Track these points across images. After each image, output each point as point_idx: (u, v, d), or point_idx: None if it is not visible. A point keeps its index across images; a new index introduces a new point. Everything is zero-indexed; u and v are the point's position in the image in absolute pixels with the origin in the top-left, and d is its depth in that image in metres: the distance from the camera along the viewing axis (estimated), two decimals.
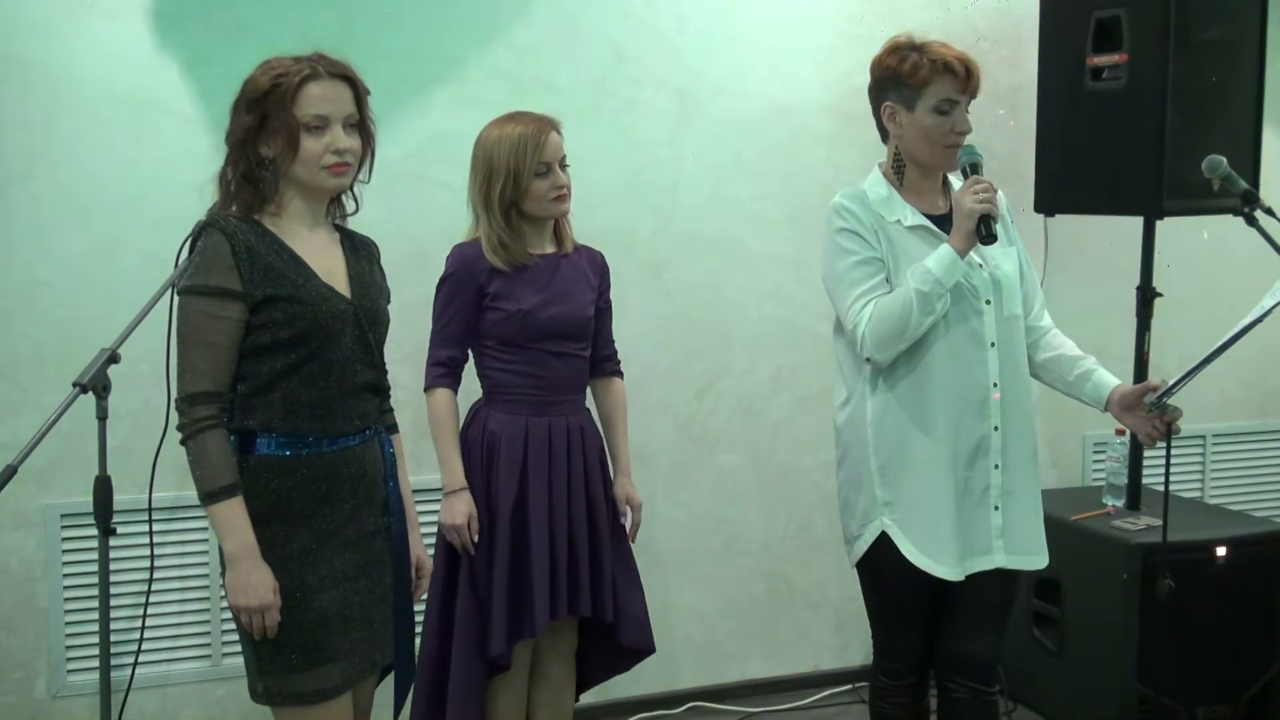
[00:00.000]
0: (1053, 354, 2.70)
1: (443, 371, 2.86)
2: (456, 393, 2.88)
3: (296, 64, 2.22)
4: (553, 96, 3.28)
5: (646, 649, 3.03)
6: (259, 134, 2.22)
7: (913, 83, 2.52)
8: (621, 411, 3.08)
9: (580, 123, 2.95)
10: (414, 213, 3.40)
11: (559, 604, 2.84)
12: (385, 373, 2.43)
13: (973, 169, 2.49)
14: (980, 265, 2.57)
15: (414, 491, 3.38)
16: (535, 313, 2.81)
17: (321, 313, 2.23)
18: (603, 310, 3.01)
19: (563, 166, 2.84)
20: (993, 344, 2.56)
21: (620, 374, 3.11)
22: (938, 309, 2.46)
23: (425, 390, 2.87)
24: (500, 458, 2.83)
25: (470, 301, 2.83)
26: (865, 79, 3.79)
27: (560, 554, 2.84)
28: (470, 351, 2.92)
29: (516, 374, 2.84)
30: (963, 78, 2.50)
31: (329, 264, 2.31)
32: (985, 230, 2.42)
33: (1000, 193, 2.72)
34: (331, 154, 2.22)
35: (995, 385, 2.56)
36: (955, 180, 2.65)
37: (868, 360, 2.53)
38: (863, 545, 2.63)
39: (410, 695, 2.84)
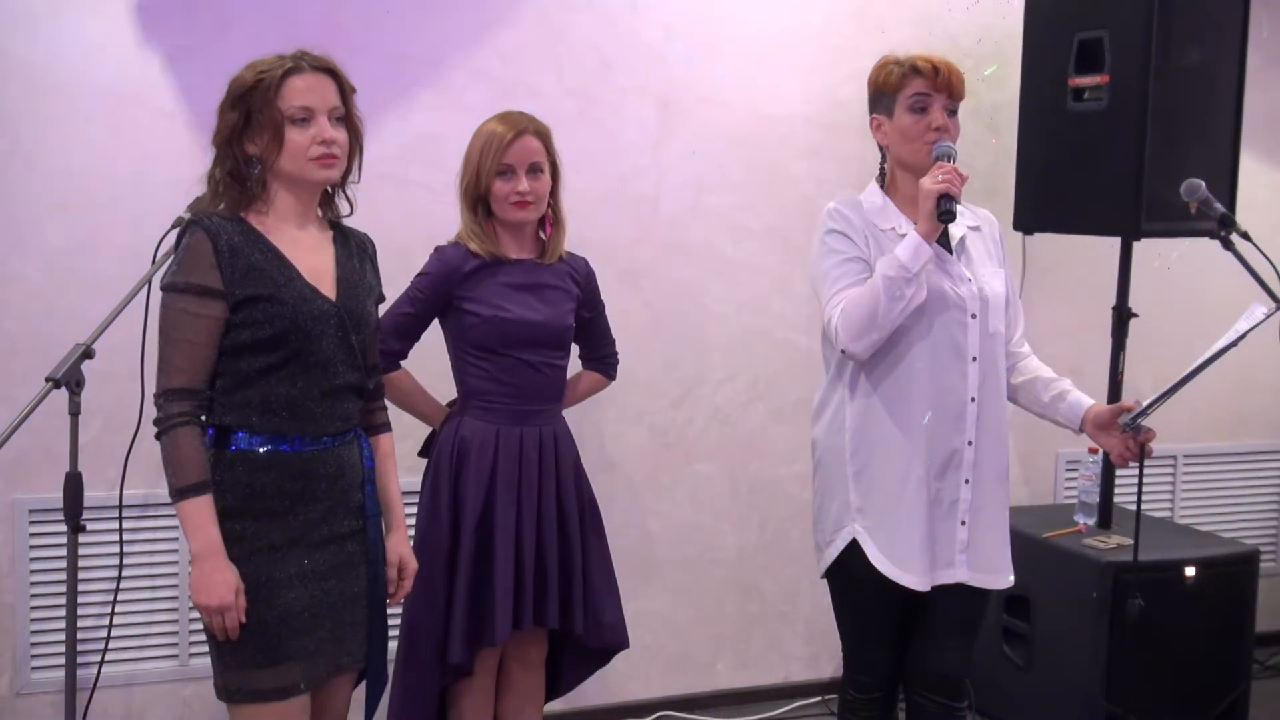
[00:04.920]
0: (1028, 377, 2.73)
1: (394, 360, 2.88)
2: None
3: (280, 59, 2.23)
4: (536, 101, 3.28)
5: (618, 646, 3.03)
6: (244, 131, 2.22)
7: (888, 89, 2.59)
8: (575, 392, 3.08)
9: (563, 129, 2.95)
10: (395, 214, 3.38)
11: (523, 614, 2.82)
12: (374, 372, 2.42)
13: (946, 158, 2.52)
14: (969, 279, 2.59)
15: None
16: (508, 319, 2.80)
17: (302, 314, 2.22)
18: (592, 316, 3.01)
19: (533, 172, 2.81)
20: (974, 358, 2.58)
21: (606, 373, 3.12)
22: (908, 295, 2.46)
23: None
24: (469, 465, 2.82)
25: (435, 305, 2.85)
26: (848, 92, 3.85)
27: (527, 564, 2.82)
28: (449, 358, 2.92)
29: (491, 380, 2.84)
30: (931, 75, 2.55)
31: (316, 263, 2.29)
32: (944, 208, 2.44)
33: (992, 216, 2.76)
34: (318, 145, 2.22)
35: (973, 400, 2.58)
36: None
37: (843, 352, 2.54)
38: (833, 552, 2.63)
39: (389, 696, 2.84)
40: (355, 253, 2.39)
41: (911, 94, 2.56)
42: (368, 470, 2.38)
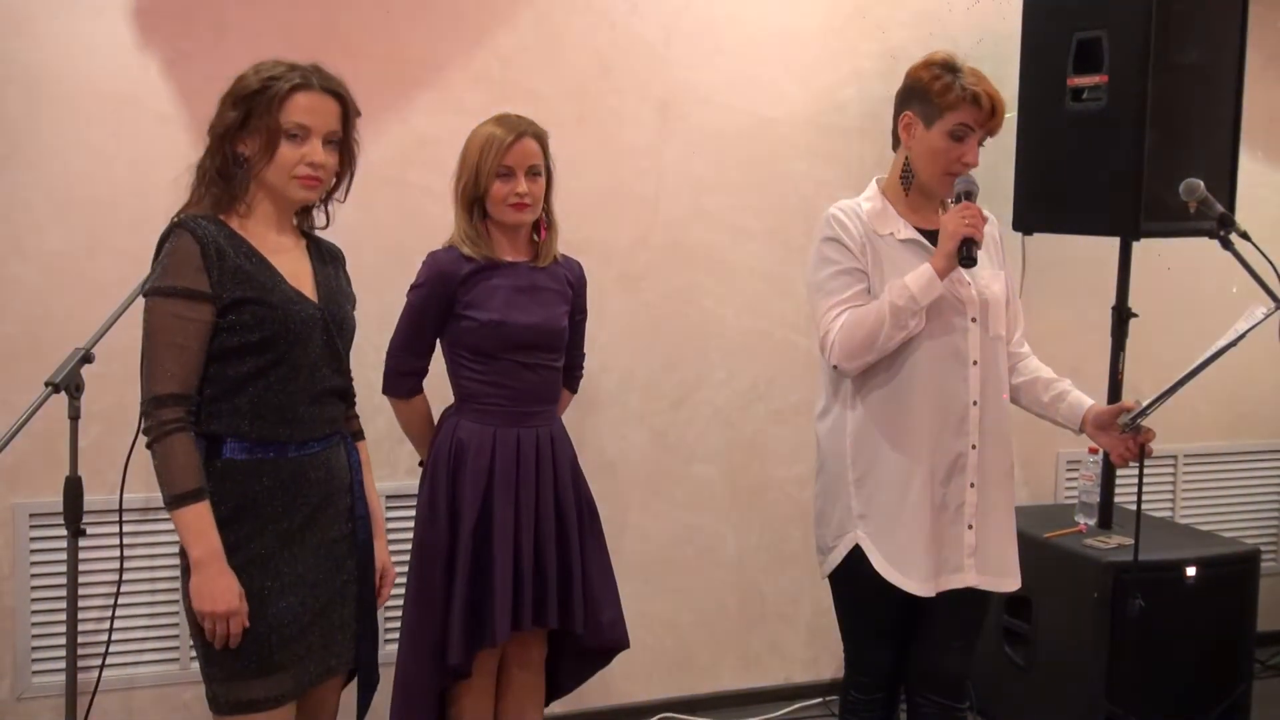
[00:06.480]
0: (1028, 377, 2.73)
1: (418, 382, 2.90)
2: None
3: (291, 70, 2.23)
4: (536, 104, 3.28)
5: (618, 646, 3.02)
6: (240, 131, 2.22)
7: (939, 102, 2.52)
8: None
9: (563, 131, 2.95)
10: (393, 217, 3.39)
11: (522, 615, 2.82)
12: (351, 379, 2.42)
13: (966, 196, 2.51)
14: (969, 283, 2.58)
15: (389, 497, 3.40)
16: (506, 323, 2.80)
17: (291, 316, 2.22)
18: (576, 321, 3.01)
19: (532, 175, 2.81)
20: (975, 362, 2.58)
21: (574, 388, 3.12)
22: (910, 326, 2.47)
23: (400, 397, 2.89)
24: (466, 467, 2.82)
25: (439, 315, 2.83)
26: (848, 93, 3.85)
27: (525, 565, 2.82)
28: (444, 359, 2.92)
29: (487, 383, 2.83)
30: (986, 112, 2.51)
31: (295, 269, 2.31)
32: (966, 253, 2.45)
33: (993, 217, 2.75)
34: (304, 165, 2.23)
35: (975, 403, 2.57)
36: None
37: (834, 368, 2.54)
38: (836, 557, 2.63)
39: (391, 698, 2.85)
40: (328, 260, 2.40)
41: (958, 120, 2.51)
42: (355, 472, 2.39)
